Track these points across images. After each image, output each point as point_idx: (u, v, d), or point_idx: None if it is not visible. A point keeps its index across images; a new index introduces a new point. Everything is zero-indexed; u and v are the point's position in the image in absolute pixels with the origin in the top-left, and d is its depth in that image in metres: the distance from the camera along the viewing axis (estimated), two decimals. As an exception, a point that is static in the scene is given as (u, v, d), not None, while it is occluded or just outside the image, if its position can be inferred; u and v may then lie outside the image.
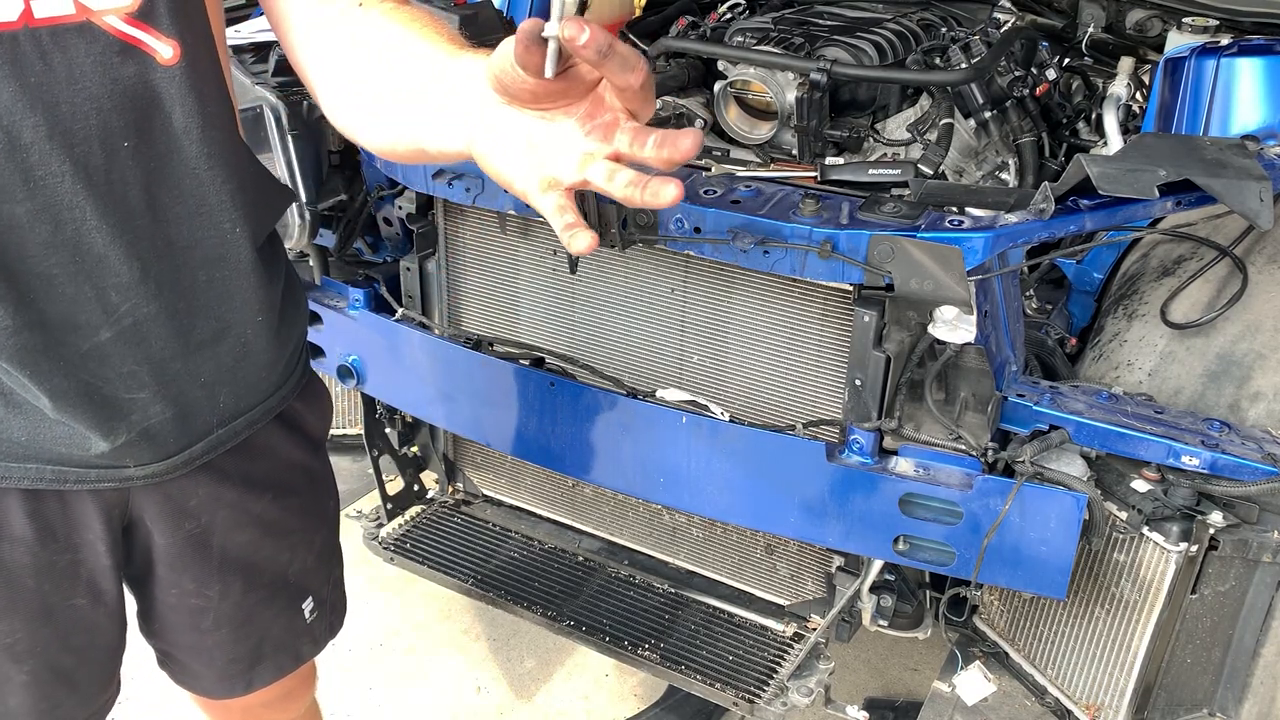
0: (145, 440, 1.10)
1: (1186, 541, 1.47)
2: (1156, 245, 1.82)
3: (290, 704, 1.58)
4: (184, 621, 1.30)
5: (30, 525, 1.11)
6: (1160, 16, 2.06)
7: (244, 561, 1.29)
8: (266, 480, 1.27)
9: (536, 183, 0.86)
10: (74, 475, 1.09)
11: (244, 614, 1.33)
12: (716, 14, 2.34)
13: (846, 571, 1.85)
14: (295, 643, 1.43)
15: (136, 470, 1.12)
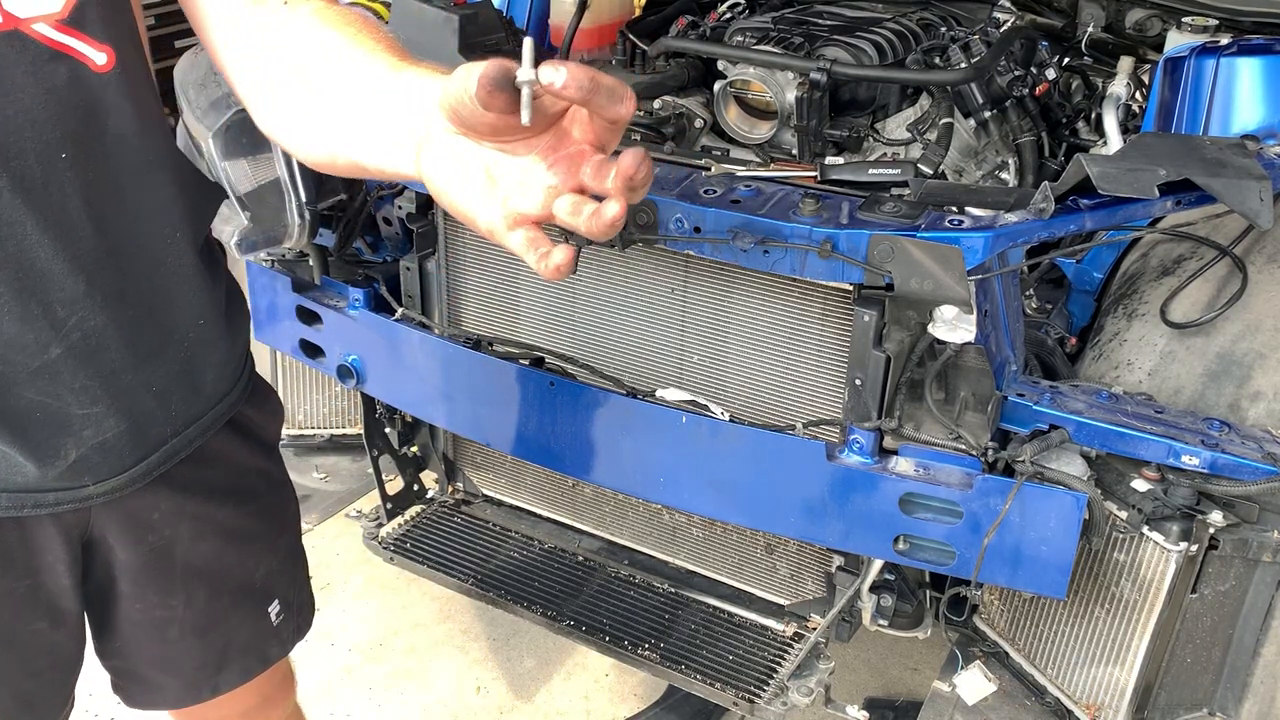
0: (101, 455, 1.07)
1: (1186, 541, 1.47)
2: (1156, 245, 1.82)
3: (269, 711, 1.55)
4: (148, 635, 1.28)
5: None
6: (1160, 16, 2.06)
7: (207, 570, 1.27)
8: (226, 488, 1.26)
9: (501, 219, 0.81)
10: (31, 500, 1.06)
11: (208, 620, 1.31)
12: (716, 14, 2.34)
13: (846, 571, 1.85)
14: (262, 645, 1.42)
15: (95, 488, 1.09)
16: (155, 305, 1.07)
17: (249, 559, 1.34)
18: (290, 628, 1.45)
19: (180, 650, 1.31)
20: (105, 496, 1.10)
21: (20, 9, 0.90)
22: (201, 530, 1.25)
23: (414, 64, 0.91)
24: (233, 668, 1.39)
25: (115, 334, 1.03)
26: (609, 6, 2.29)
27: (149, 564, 1.22)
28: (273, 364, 2.25)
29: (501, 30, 2.04)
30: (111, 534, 1.17)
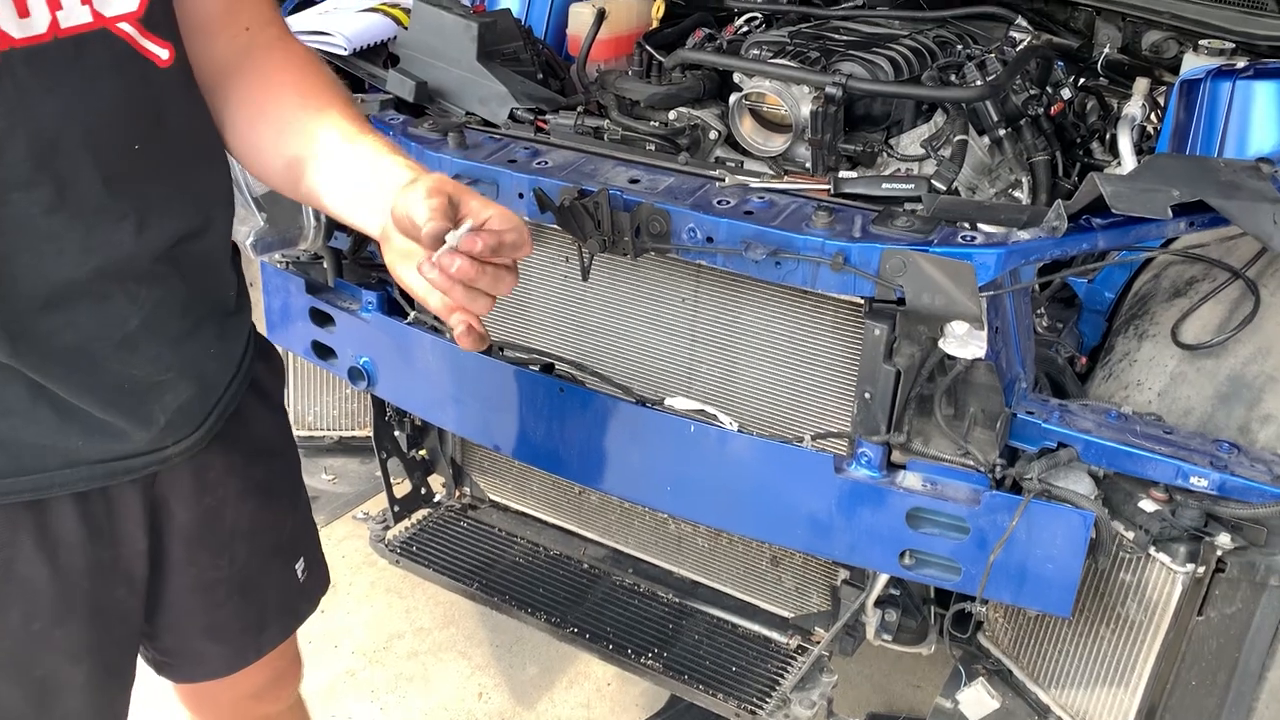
0: (180, 417, 1.16)
1: (1193, 563, 1.47)
2: (1169, 266, 1.82)
3: (279, 690, 1.59)
4: (198, 602, 1.33)
5: (82, 527, 1.13)
6: (1176, 38, 2.06)
7: (249, 529, 1.34)
8: (258, 445, 1.33)
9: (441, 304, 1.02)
10: (122, 468, 1.13)
11: (250, 580, 1.37)
12: (733, 27, 2.35)
13: (852, 585, 1.85)
14: (294, 603, 1.48)
15: (174, 449, 1.17)
16: (205, 276, 1.17)
17: (280, 516, 1.41)
18: (314, 583, 1.51)
19: (226, 614, 1.37)
20: (181, 456, 1.18)
21: (107, 8, 0.97)
22: (246, 488, 1.31)
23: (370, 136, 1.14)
24: (272, 628, 1.45)
25: (177, 304, 1.12)
26: (626, 18, 2.29)
27: (202, 525, 1.27)
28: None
29: (519, 38, 2.05)
30: (174, 496, 1.23)
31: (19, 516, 1.09)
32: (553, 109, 1.94)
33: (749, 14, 2.35)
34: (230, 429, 1.25)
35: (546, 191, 1.64)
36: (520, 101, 1.91)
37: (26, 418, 1.05)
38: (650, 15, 2.34)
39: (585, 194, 1.59)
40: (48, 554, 1.12)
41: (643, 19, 2.33)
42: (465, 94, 1.97)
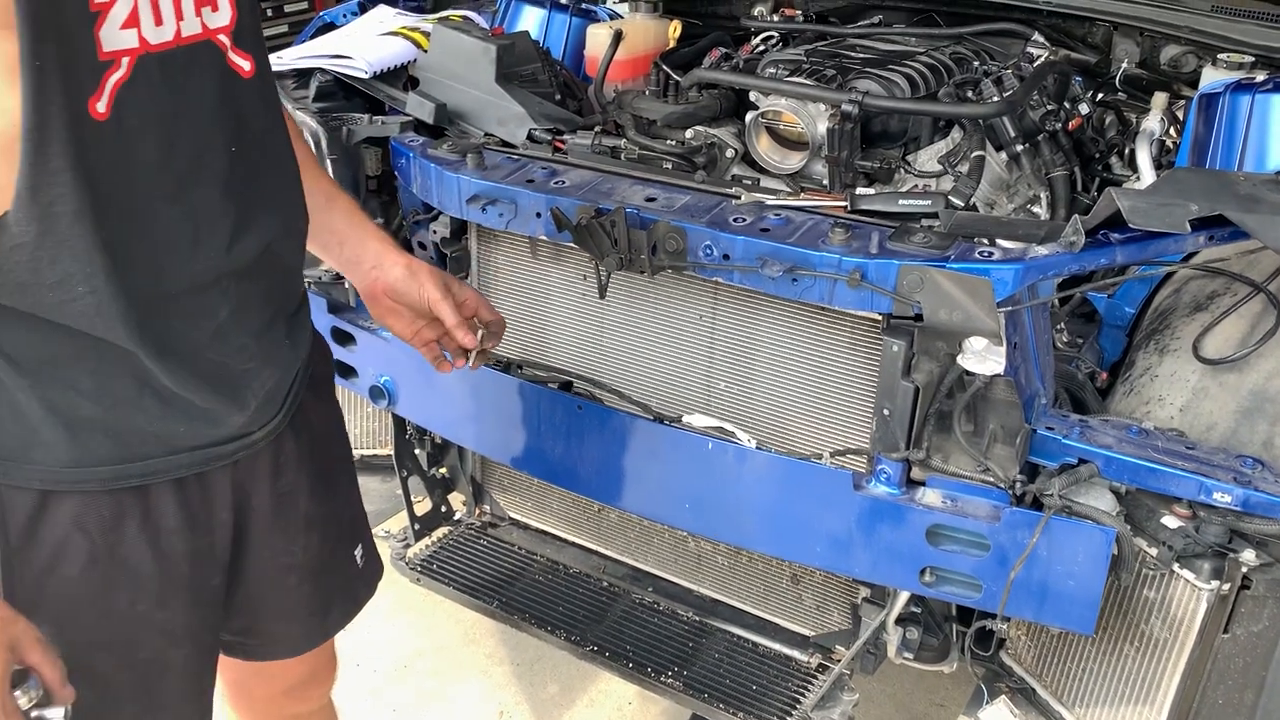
0: (265, 402, 1.23)
1: (1218, 580, 1.45)
2: (1189, 280, 1.81)
3: (313, 688, 1.64)
4: (271, 585, 1.38)
5: (181, 513, 1.19)
6: (1195, 52, 2.06)
7: (319, 514, 1.39)
8: (322, 432, 1.40)
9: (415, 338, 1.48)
10: (215, 454, 1.20)
11: (319, 566, 1.42)
12: (750, 46, 2.36)
13: (872, 603, 1.84)
14: (354, 588, 1.53)
15: (260, 433, 1.24)
16: (283, 275, 1.26)
17: (341, 503, 1.47)
18: (371, 570, 1.56)
19: (297, 597, 1.42)
20: (264, 440, 1.25)
21: (211, 21, 1.07)
22: (315, 474, 1.37)
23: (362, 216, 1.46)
24: (335, 611, 1.50)
25: (259, 298, 1.20)
26: (643, 39, 2.31)
27: (277, 509, 1.33)
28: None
29: (537, 60, 2.07)
30: (254, 482, 1.28)
31: (125, 502, 1.14)
32: (570, 129, 1.95)
33: (765, 33, 2.36)
34: (298, 418, 1.32)
35: (564, 210, 1.65)
36: (538, 122, 1.93)
37: (134, 406, 1.10)
38: (667, 36, 2.36)
39: (602, 212, 1.60)
40: (150, 539, 1.17)
41: (659, 39, 2.34)
42: (484, 115, 1.98)
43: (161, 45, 1.01)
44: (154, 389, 1.11)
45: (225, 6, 1.09)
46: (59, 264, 0.98)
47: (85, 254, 0.99)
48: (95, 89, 0.96)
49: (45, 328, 1.03)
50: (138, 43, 0.99)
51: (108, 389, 1.08)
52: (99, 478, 1.11)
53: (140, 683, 1.22)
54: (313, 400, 1.37)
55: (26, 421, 1.07)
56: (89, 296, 1.01)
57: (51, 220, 0.96)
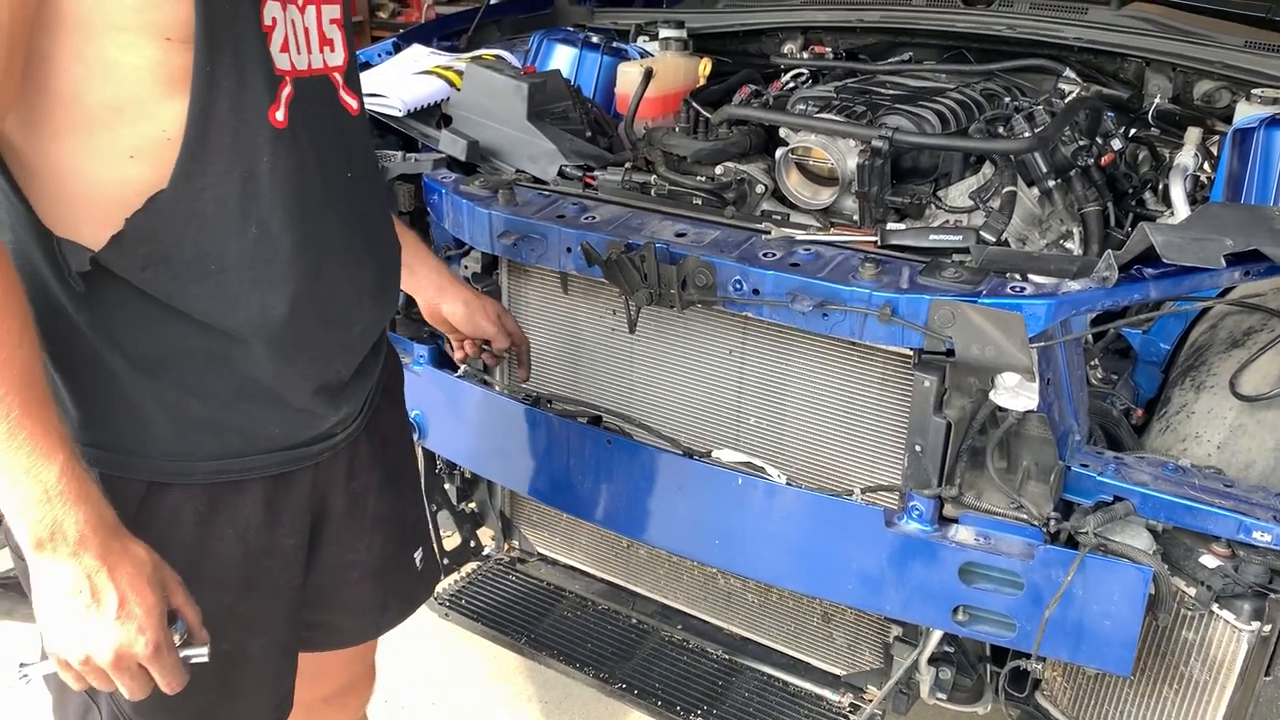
0: (350, 406, 1.30)
1: (1259, 620, 1.42)
2: (1225, 316, 1.79)
3: (350, 698, 1.68)
4: (337, 579, 1.42)
5: (268, 511, 1.24)
6: (1229, 88, 2.05)
7: (385, 515, 1.44)
8: (390, 435, 1.45)
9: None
10: (303, 454, 1.25)
11: (382, 563, 1.47)
12: (779, 83, 2.38)
13: (904, 642, 1.81)
14: (411, 590, 1.58)
15: (342, 435, 1.30)
16: (384, 288, 1.33)
17: (406, 505, 1.53)
18: (430, 574, 1.62)
19: (358, 592, 1.47)
20: (345, 441, 1.31)
21: (329, 59, 1.18)
22: (384, 475, 1.43)
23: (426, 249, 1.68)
24: (392, 610, 1.55)
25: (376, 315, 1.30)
26: (674, 76, 2.33)
27: (350, 508, 1.38)
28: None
29: (568, 98, 2.09)
30: (330, 482, 1.33)
31: (220, 497, 1.19)
32: (601, 165, 1.97)
33: (795, 70, 2.38)
34: (373, 420, 1.38)
35: (594, 246, 1.66)
36: (569, 159, 1.95)
37: (235, 407, 1.17)
38: (697, 73, 2.37)
39: (632, 248, 1.61)
40: (238, 534, 1.22)
41: (690, 77, 2.36)
42: (516, 152, 2.01)
43: (302, 72, 1.13)
44: (254, 389, 1.17)
45: (340, 48, 1.20)
46: (199, 243, 1.07)
47: (223, 238, 1.08)
48: (273, 100, 1.08)
49: (171, 324, 1.10)
50: (290, 66, 1.11)
51: (213, 388, 1.15)
52: (201, 471, 1.17)
53: (219, 672, 1.24)
54: (386, 405, 1.43)
55: (139, 416, 1.13)
56: (219, 277, 1.09)
57: (200, 203, 1.06)
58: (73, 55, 0.98)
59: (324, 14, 1.17)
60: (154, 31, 0.99)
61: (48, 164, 1.03)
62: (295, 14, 1.12)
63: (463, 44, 2.62)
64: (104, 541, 1.00)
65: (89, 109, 1.00)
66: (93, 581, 1.00)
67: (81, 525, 0.99)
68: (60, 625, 1.01)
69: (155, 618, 1.03)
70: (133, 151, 1.03)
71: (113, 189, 1.04)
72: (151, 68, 1.00)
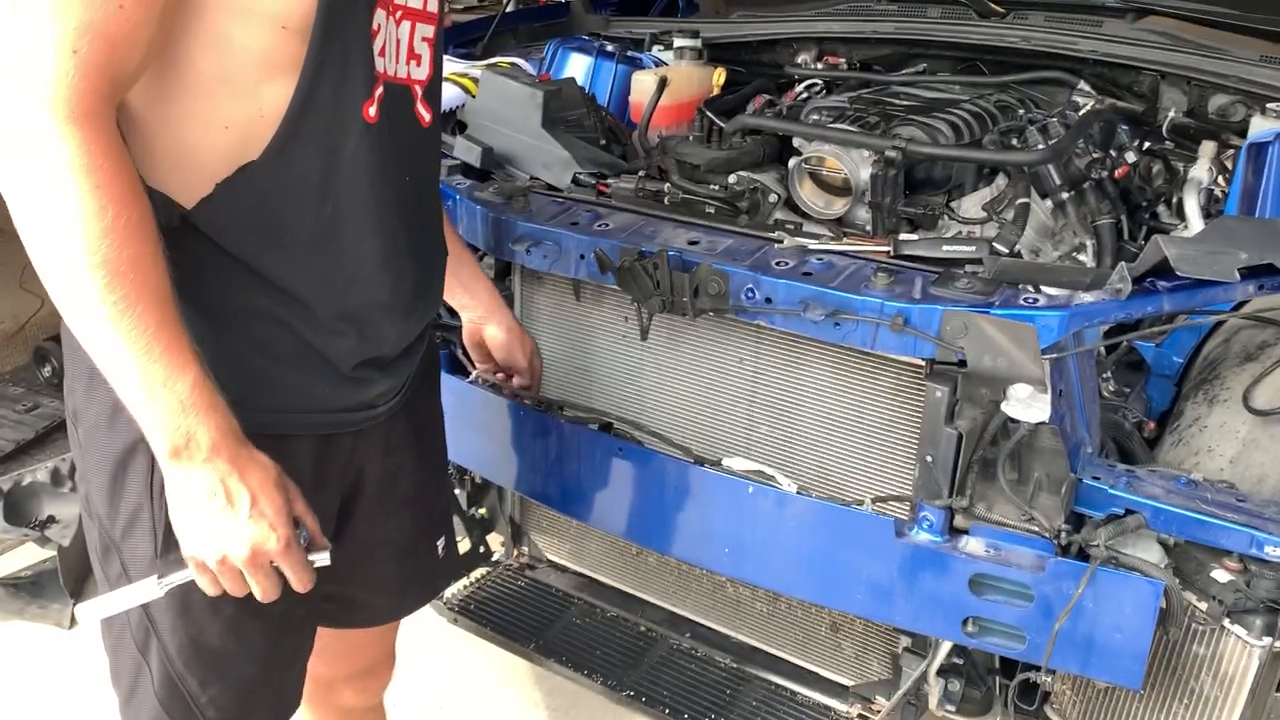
0: (394, 380, 1.36)
1: (1271, 636, 1.42)
2: (1239, 330, 1.79)
3: (368, 681, 1.74)
4: (365, 554, 1.45)
5: (313, 473, 1.29)
6: (1243, 101, 2.04)
7: (415, 497, 1.49)
8: (426, 418, 1.51)
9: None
10: (346, 420, 1.31)
11: (407, 545, 1.51)
12: (793, 93, 2.38)
13: (913, 653, 1.81)
14: (433, 576, 1.62)
15: (384, 407, 1.35)
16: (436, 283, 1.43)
17: (434, 491, 1.58)
18: (451, 563, 1.66)
19: (383, 571, 1.51)
20: (385, 414, 1.36)
21: (413, 73, 1.27)
22: (418, 456, 1.48)
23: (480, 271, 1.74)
24: (413, 593, 1.60)
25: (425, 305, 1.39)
26: (688, 86, 2.33)
27: (383, 483, 1.43)
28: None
29: (583, 106, 2.10)
30: (368, 453, 1.38)
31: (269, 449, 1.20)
32: (615, 173, 1.97)
33: (809, 80, 2.38)
34: (411, 401, 1.43)
35: (607, 253, 1.66)
36: (583, 166, 1.96)
37: (289, 364, 1.23)
38: (711, 83, 2.38)
39: (645, 255, 1.62)
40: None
41: (704, 86, 2.37)
42: (530, 159, 2.02)
43: (391, 78, 1.21)
44: (308, 351, 1.23)
45: (426, 64, 1.29)
46: (279, 213, 1.15)
47: (300, 214, 1.16)
48: (368, 97, 1.17)
49: (235, 279, 1.17)
50: (384, 70, 1.19)
51: (270, 343, 1.21)
52: (254, 420, 1.18)
53: (268, 637, 1.31)
54: (424, 390, 1.49)
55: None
56: (293, 249, 1.17)
57: (286, 178, 1.14)
58: (194, 26, 1.05)
59: (417, 31, 1.25)
60: (273, 18, 1.06)
61: (150, 121, 1.09)
62: (393, 25, 1.20)
63: (478, 51, 2.64)
64: (233, 448, 1.08)
65: (198, 77, 1.07)
66: (226, 485, 1.07)
67: (214, 433, 1.06)
68: (198, 527, 1.09)
69: (284, 516, 1.11)
70: (228, 123, 1.10)
71: (205, 154, 1.11)
72: (264, 50, 1.07)
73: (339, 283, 1.22)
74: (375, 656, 1.71)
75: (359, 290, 1.24)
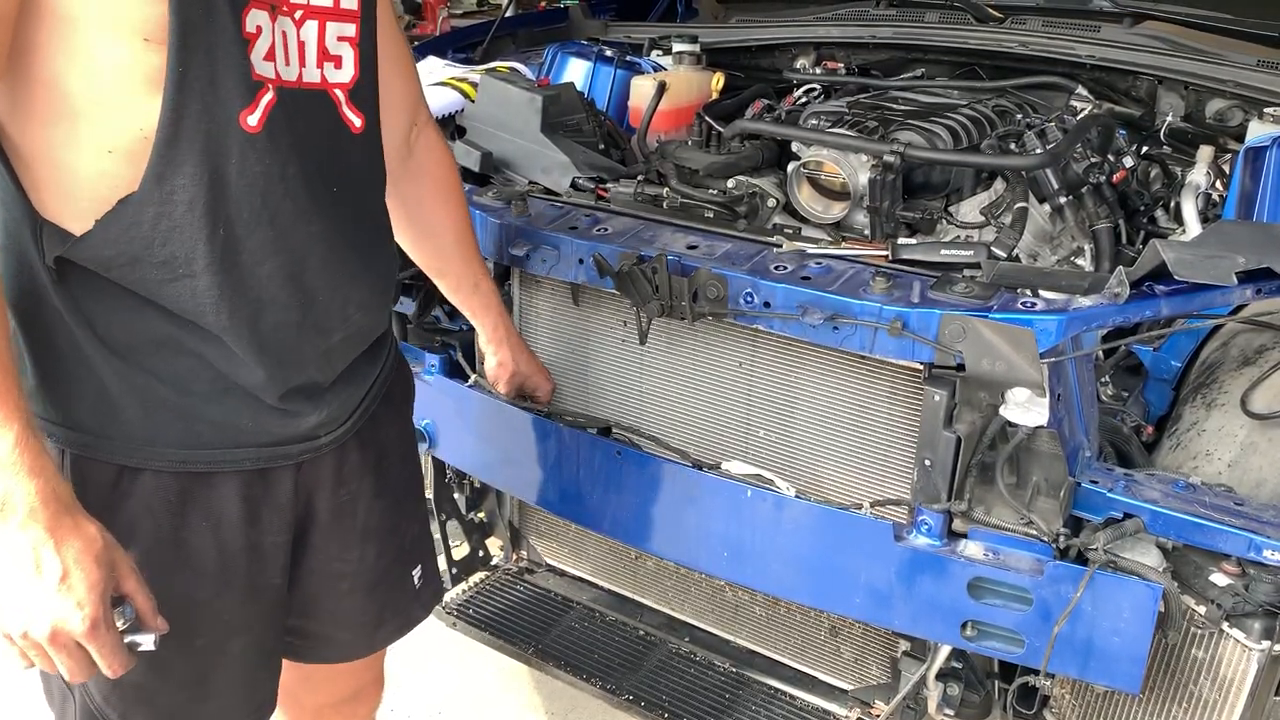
0: (337, 411, 1.30)
1: (1269, 639, 1.42)
2: (1237, 334, 1.79)
3: (358, 705, 1.68)
4: (326, 587, 1.42)
5: (242, 506, 1.24)
6: (1241, 106, 2.05)
7: (378, 528, 1.43)
8: (390, 448, 1.44)
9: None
10: (279, 453, 1.25)
11: (375, 578, 1.45)
12: (792, 98, 2.39)
13: (912, 656, 1.81)
14: (409, 607, 1.56)
15: (326, 439, 1.29)
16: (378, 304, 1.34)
17: (404, 521, 1.50)
18: (429, 593, 1.59)
19: (349, 605, 1.45)
20: (329, 446, 1.30)
21: (331, 76, 1.19)
22: (377, 487, 1.41)
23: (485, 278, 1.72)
24: (388, 626, 1.53)
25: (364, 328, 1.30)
26: (686, 90, 2.34)
27: (337, 516, 1.37)
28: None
29: (582, 110, 2.11)
30: (317, 486, 1.33)
31: (190, 488, 1.20)
32: (613, 178, 1.98)
33: (808, 85, 2.39)
34: (367, 430, 1.36)
35: (606, 257, 1.67)
36: (582, 170, 1.96)
37: (206, 398, 1.17)
38: (710, 88, 2.39)
39: (644, 259, 1.62)
40: (211, 527, 1.22)
41: (702, 91, 2.37)
42: (529, 164, 2.02)
43: (288, 83, 1.13)
44: (226, 384, 1.18)
45: (349, 66, 1.21)
46: (168, 245, 1.08)
47: (192, 241, 1.09)
48: (249, 104, 1.08)
49: (138, 314, 1.12)
50: (274, 75, 1.11)
51: (184, 378, 1.16)
52: (169, 458, 1.16)
53: (193, 669, 1.26)
54: (387, 417, 1.42)
55: (109, 400, 1.14)
56: (188, 280, 1.10)
57: (170, 205, 1.07)
58: (57, 46, 1.00)
59: (329, 30, 1.17)
60: (131, 30, 1.00)
61: (33, 149, 1.06)
62: (288, 26, 1.12)
63: (477, 56, 2.64)
64: (55, 515, 1.00)
65: (71, 99, 1.02)
66: (38, 554, 0.99)
67: (32, 497, 0.98)
68: (3, 597, 1.00)
69: (96, 594, 1.01)
70: (111, 146, 1.04)
71: (96, 180, 1.06)
72: (130, 65, 1.02)
73: (245, 308, 1.14)
74: (363, 681, 1.65)
75: (269, 313, 1.16)
